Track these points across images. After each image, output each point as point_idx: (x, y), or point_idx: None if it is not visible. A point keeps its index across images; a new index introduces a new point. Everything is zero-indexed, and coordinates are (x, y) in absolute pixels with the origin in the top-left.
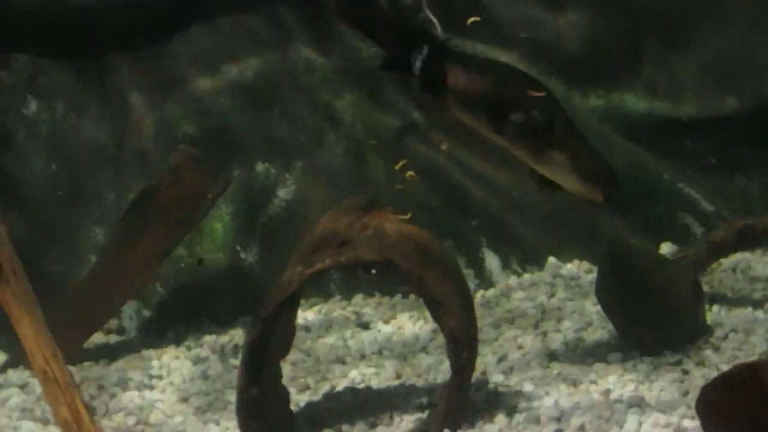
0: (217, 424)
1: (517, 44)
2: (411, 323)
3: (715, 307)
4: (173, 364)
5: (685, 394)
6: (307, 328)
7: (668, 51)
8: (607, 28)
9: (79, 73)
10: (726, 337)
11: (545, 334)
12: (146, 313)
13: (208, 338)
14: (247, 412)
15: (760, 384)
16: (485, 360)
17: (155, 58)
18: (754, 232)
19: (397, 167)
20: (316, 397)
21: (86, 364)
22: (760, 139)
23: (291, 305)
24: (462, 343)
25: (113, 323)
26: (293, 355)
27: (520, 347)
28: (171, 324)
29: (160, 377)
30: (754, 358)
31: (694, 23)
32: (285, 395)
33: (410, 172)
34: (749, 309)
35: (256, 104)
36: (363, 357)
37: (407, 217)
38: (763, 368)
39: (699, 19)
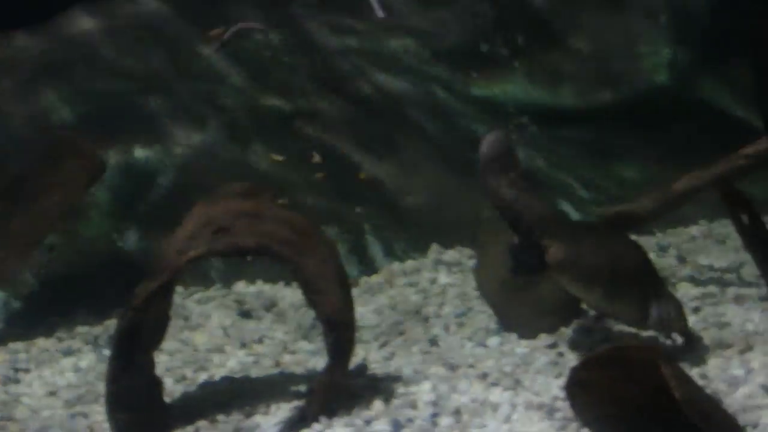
0: (86, 417)
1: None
2: (293, 310)
3: None
4: (42, 356)
5: (558, 376)
6: (185, 317)
7: (547, 43)
8: (488, 18)
9: None
10: (600, 319)
11: (426, 319)
12: (15, 304)
13: (82, 329)
14: (116, 403)
15: (627, 364)
16: (366, 346)
17: (31, 41)
18: (627, 218)
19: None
20: (193, 388)
21: None
22: (634, 128)
23: (165, 293)
24: (339, 329)
25: None
26: (171, 345)
27: (401, 333)
28: (42, 315)
29: (27, 370)
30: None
31: (572, 15)
32: (158, 386)
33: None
34: None
35: (136, 89)
36: (243, 345)
37: (284, 201)
38: (631, 349)
39: (577, 11)
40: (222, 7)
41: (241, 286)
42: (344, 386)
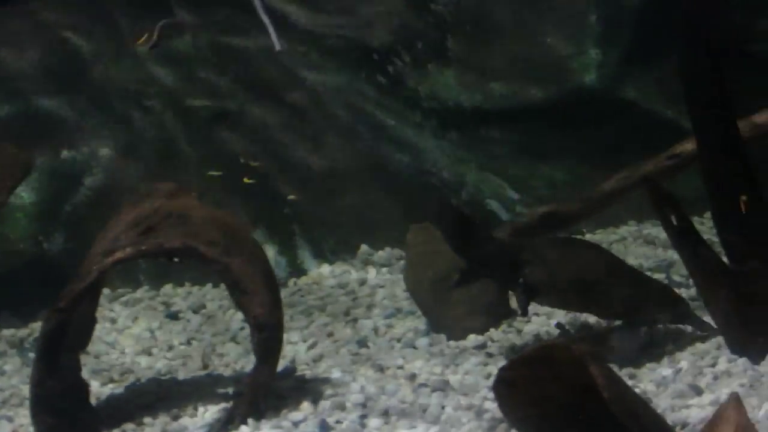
0: (11, 420)
1: (329, 34)
2: (221, 312)
3: None
4: None
5: (488, 376)
6: (113, 320)
7: (476, 43)
8: (418, 19)
9: None
10: (529, 320)
11: (355, 320)
12: None
13: (7, 332)
14: (41, 406)
15: (555, 364)
16: (295, 348)
17: None
18: (555, 218)
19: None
20: (120, 390)
21: None
22: (563, 128)
23: (90, 295)
24: (267, 330)
25: None
26: (97, 348)
27: (330, 335)
28: None
29: None
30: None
31: (502, 16)
32: (84, 388)
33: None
34: None
35: (63, 89)
36: (170, 348)
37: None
38: (558, 349)
39: (506, 11)
40: (149, 8)
41: (168, 288)
42: (272, 388)
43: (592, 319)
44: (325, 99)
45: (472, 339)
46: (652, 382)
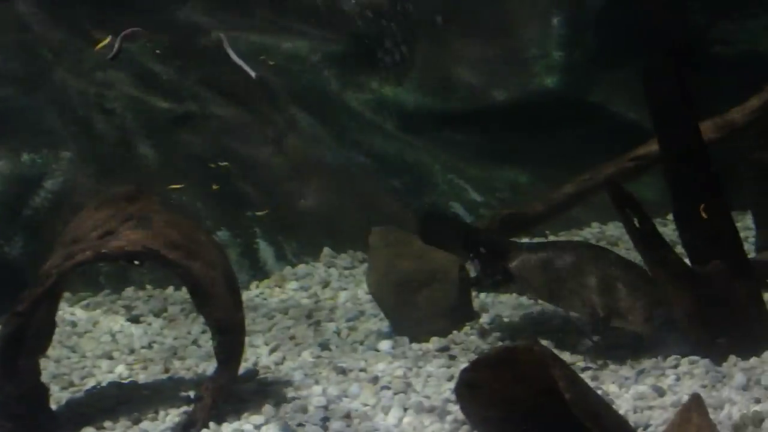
0: None
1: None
2: (183, 316)
3: (482, 294)
4: None
5: (450, 378)
6: (73, 323)
7: (438, 46)
8: (380, 21)
9: None
10: (492, 322)
11: (318, 323)
12: None
13: None
14: (0, 410)
15: (516, 365)
16: (257, 351)
17: None
18: (517, 221)
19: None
20: (80, 394)
21: None
22: (526, 131)
23: (50, 299)
24: (228, 333)
25: None
26: (58, 352)
27: (292, 337)
28: None
29: None
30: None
31: (464, 19)
32: (44, 392)
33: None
34: (514, 295)
35: (23, 91)
36: (132, 351)
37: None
38: (519, 350)
39: (468, 15)
40: (107, 10)
41: (130, 291)
42: (233, 391)
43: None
44: (288, 101)
45: (435, 341)
46: (615, 383)
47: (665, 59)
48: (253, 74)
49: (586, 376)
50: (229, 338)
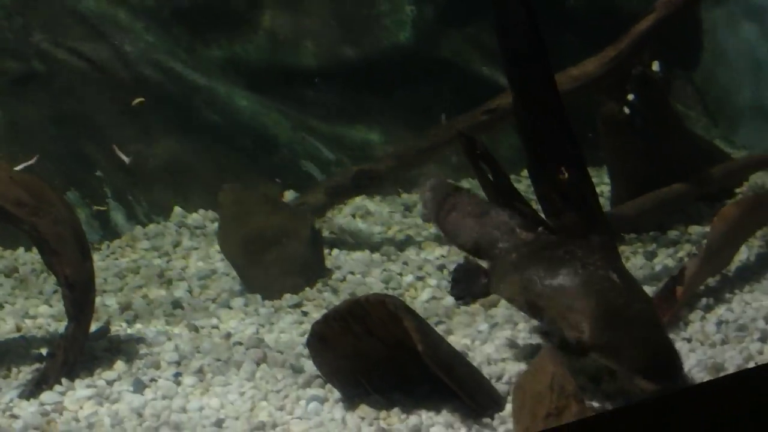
0: None
1: None
2: (34, 276)
3: (335, 251)
4: None
5: (303, 334)
6: None
7: (288, 2)
8: None
9: None
10: (344, 279)
11: (170, 282)
12: None
13: None
14: None
15: (364, 317)
16: (109, 310)
17: None
18: (369, 177)
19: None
20: None
21: None
22: (378, 88)
23: None
24: (78, 289)
25: None
26: None
27: (144, 296)
28: None
29: None
30: None
31: None
32: None
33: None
34: (367, 252)
35: None
36: None
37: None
38: (368, 302)
39: None
40: None
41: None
42: (86, 348)
43: None
44: (135, 59)
45: (288, 298)
46: (468, 336)
47: (519, 11)
48: (126, 159)
49: (440, 330)
50: (79, 294)
